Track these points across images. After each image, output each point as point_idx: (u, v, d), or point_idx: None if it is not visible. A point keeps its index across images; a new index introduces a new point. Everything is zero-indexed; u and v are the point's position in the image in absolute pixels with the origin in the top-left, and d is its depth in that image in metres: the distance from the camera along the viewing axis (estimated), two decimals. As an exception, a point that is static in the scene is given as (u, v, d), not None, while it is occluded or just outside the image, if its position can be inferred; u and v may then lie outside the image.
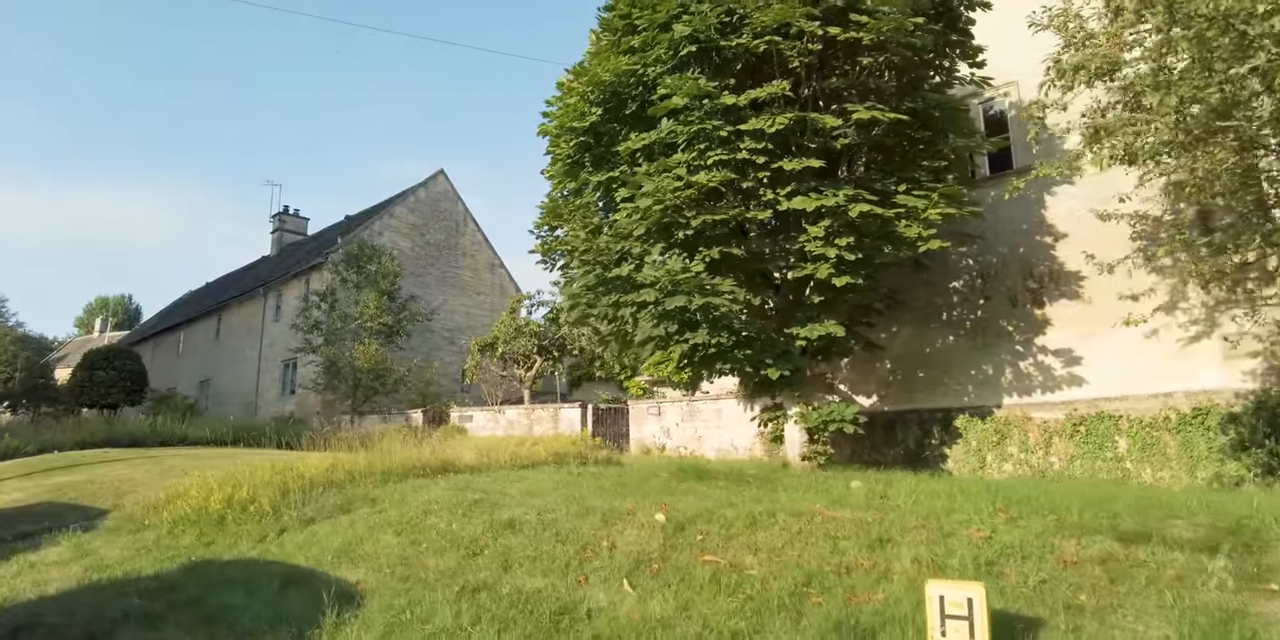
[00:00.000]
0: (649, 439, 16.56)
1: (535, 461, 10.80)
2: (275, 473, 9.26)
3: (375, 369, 21.81)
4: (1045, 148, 13.04)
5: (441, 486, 8.60)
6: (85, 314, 71.30)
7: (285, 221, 36.90)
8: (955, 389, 13.39)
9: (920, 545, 5.69)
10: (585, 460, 11.26)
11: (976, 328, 13.38)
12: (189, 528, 7.99)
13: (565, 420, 18.29)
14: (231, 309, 32.11)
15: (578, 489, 8.13)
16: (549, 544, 6.08)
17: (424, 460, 9.80)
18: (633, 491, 7.94)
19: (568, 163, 11.37)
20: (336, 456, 10.12)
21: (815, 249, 9.32)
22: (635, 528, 6.28)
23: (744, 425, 15.54)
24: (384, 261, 23.30)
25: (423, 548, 6.32)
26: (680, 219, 9.11)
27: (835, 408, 10.45)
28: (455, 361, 28.74)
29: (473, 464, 10.17)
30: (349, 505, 8.06)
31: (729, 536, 6.03)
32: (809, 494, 7.60)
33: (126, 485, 11.42)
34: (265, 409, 27.49)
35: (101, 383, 24.99)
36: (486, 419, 20.01)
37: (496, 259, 31.90)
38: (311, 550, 6.79)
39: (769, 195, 9.26)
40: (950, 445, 13.12)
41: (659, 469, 10.16)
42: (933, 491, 7.34)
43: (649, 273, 9.23)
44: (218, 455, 14.30)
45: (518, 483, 8.80)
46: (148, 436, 16.20)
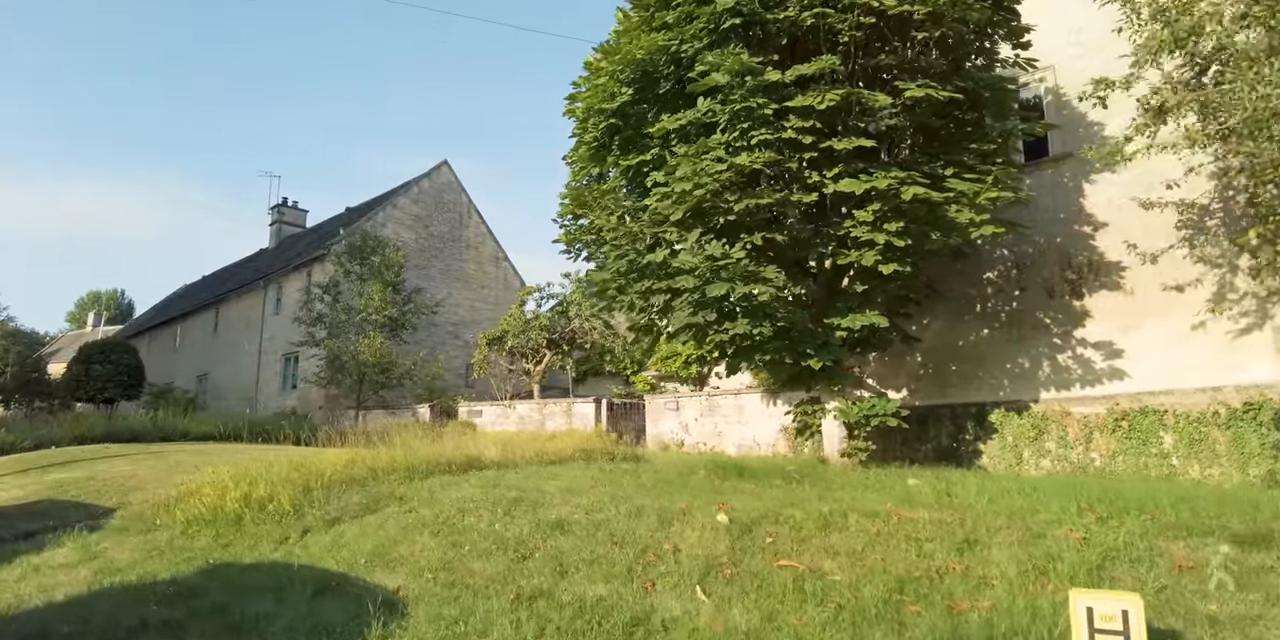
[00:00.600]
0: (666, 435, 16.10)
1: (561, 457, 10.33)
2: (293, 469, 8.75)
3: (380, 363, 21.27)
4: (1084, 134, 12.66)
5: (472, 484, 8.11)
6: (77, 309, 70.36)
7: (284, 213, 36.23)
8: (990, 383, 12.97)
9: (1012, 547, 5.24)
10: (612, 456, 10.79)
11: (1012, 320, 12.95)
12: (204, 528, 7.49)
13: (579, 415, 17.81)
14: (230, 302, 31.47)
15: (618, 487, 7.66)
16: (604, 546, 5.61)
17: (449, 456, 9.31)
18: (677, 489, 7.48)
19: (593, 147, 10.87)
20: (355, 452, 9.62)
21: (862, 234, 8.86)
22: (695, 529, 5.82)
23: (766, 421, 15.10)
24: (388, 252, 22.74)
25: (465, 550, 5.84)
26: (721, 203, 8.62)
27: (877, 402, 10.01)
28: (460, 356, 28.22)
29: (498, 460, 9.69)
30: (375, 504, 7.57)
31: (801, 539, 5.57)
32: (869, 493, 7.16)
33: (131, 482, 10.90)
34: (265, 404, 26.91)
35: (98, 377, 24.36)
36: (496, 414, 19.51)
37: (501, 252, 31.35)
38: (341, 553, 6.30)
39: (814, 178, 8.79)
40: (985, 441, 12.70)
41: (694, 465, 9.70)
42: (1002, 489, 6.91)
43: (686, 259, 8.75)
44: (224, 451, 13.76)
45: (551, 479, 8.33)
46: (149, 431, 15.64)
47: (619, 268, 9.32)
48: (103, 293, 72.42)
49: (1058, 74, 12.86)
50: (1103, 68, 12.28)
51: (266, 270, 29.90)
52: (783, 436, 14.87)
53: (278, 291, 28.46)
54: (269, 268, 30.14)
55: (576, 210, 10.70)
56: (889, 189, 8.49)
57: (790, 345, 9.42)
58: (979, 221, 8.84)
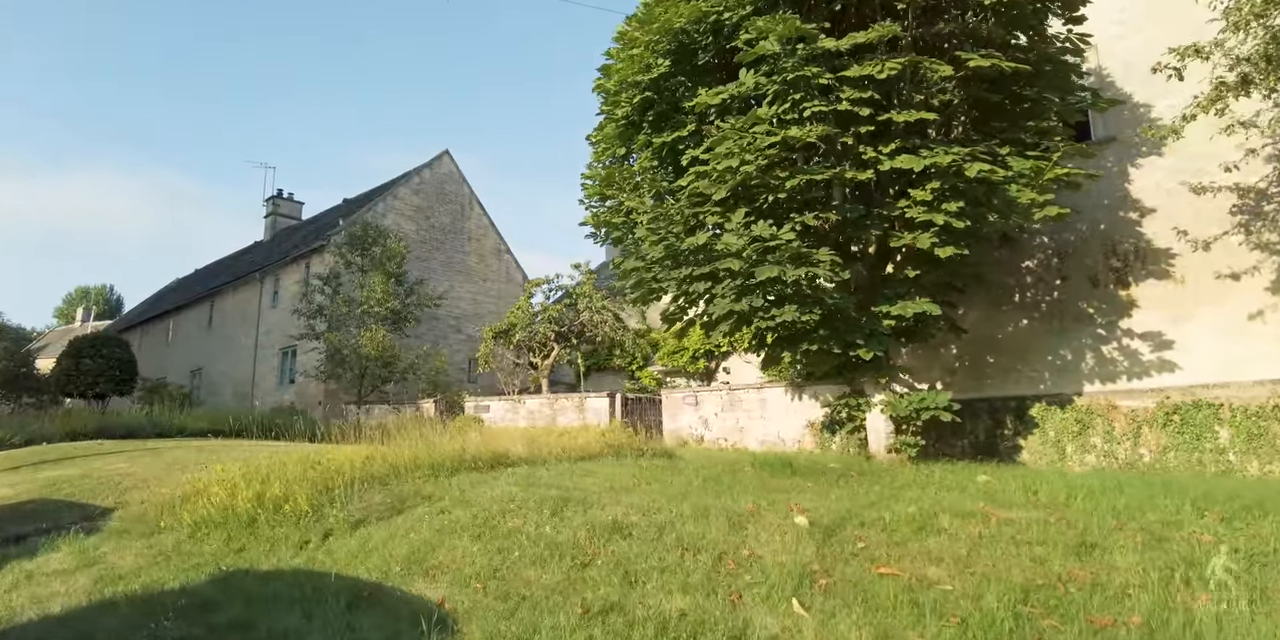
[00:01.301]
0: (685, 430, 15.52)
1: (590, 453, 9.73)
2: (308, 466, 8.11)
3: (383, 356, 20.58)
4: (1130, 117, 12.12)
5: (504, 481, 7.49)
6: (65, 304, 69.21)
7: (279, 205, 35.41)
8: (1030, 376, 12.43)
9: (1136, 552, 4.67)
10: (641, 452, 10.19)
11: (1053, 310, 12.41)
12: (214, 531, 6.84)
13: (592, 410, 17.20)
14: (225, 295, 30.64)
15: (666, 485, 7.06)
16: (673, 552, 5.00)
17: (474, 452, 8.69)
18: (730, 488, 6.88)
19: (622, 124, 10.24)
20: (371, 448, 8.98)
21: (918, 215, 8.28)
22: (772, 532, 5.22)
23: (791, 416, 14.55)
24: (390, 243, 22.02)
25: (514, 557, 5.22)
26: (770, 180, 8.01)
27: (926, 394, 9.45)
28: (462, 351, 27.55)
29: (525, 456, 9.08)
30: (401, 504, 6.94)
31: (895, 543, 4.98)
32: (944, 491, 6.58)
33: (129, 481, 10.24)
34: (262, 399, 26.16)
35: (89, 371, 23.56)
36: (505, 409, 18.87)
37: (503, 245, 30.65)
38: (372, 559, 5.67)
39: (869, 153, 8.19)
40: (1025, 436, 12.17)
41: (735, 462, 9.12)
42: (1091, 488, 6.35)
43: (730, 241, 8.14)
44: (225, 448, 13.08)
45: (587, 476, 7.72)
46: (144, 427, 14.93)
47: (656, 253, 8.70)
48: (91, 288, 71.26)
49: (1099, 54, 12.31)
50: (1143, 48, 11.83)
51: (262, 262, 29.10)
52: (809, 432, 14.32)
53: (275, 284, 27.68)
54: (265, 260, 29.34)
55: (605, 191, 10.07)
56: (951, 166, 7.90)
57: (837, 334, 8.84)
58: (1041, 202, 8.26)
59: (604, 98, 10.11)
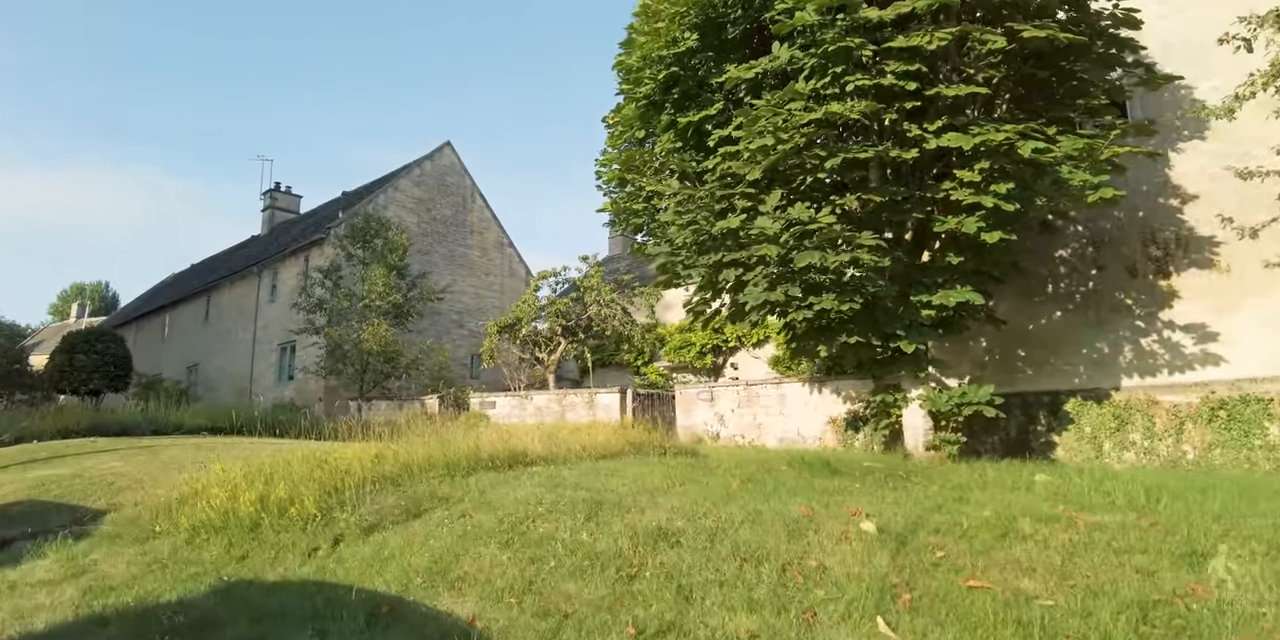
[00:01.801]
0: (700, 427, 14.99)
1: (610, 451, 9.20)
2: (313, 466, 7.58)
3: (385, 351, 20.03)
4: (1170, 100, 11.59)
5: (527, 482, 6.97)
6: (60, 301, 68.41)
7: (276, 199, 34.81)
8: (1064, 370, 11.93)
9: (1256, 562, 4.16)
10: (664, 450, 9.67)
11: (1088, 301, 11.91)
12: (214, 536, 6.31)
13: (602, 406, 16.66)
14: (221, 289, 30.03)
15: (703, 486, 6.54)
16: (730, 563, 4.48)
17: (490, 450, 8.16)
18: (774, 490, 6.35)
19: (643, 104, 9.69)
20: (379, 446, 8.45)
21: (965, 197, 7.75)
22: (836, 540, 4.70)
23: (811, 412, 14.03)
24: (392, 235, 21.44)
25: (550, 567, 4.69)
26: (809, 159, 7.48)
27: (968, 389, 8.94)
28: (464, 346, 27.01)
29: (543, 454, 8.55)
30: (416, 507, 6.42)
31: (977, 552, 4.46)
32: (1011, 493, 6.07)
33: (123, 481, 9.71)
34: (261, 395, 25.57)
35: (82, 367, 22.98)
36: (512, 405, 18.33)
37: (506, 238, 30.07)
38: (389, 569, 5.14)
39: (914, 131, 7.66)
40: (1059, 432, 11.66)
41: (767, 461, 8.60)
42: (1176, 489, 5.83)
43: (765, 224, 7.60)
44: (225, 445, 12.55)
45: (614, 477, 7.20)
46: (139, 424, 14.37)
47: (683, 238, 8.17)
48: (86, 285, 70.51)
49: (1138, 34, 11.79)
50: (1184, 28, 11.32)
51: (260, 256, 28.49)
52: (830, 429, 13.80)
53: (273, 278, 27.08)
54: (263, 254, 28.73)
55: (625, 175, 9.53)
56: (1002, 144, 7.37)
57: (875, 325, 8.32)
58: (1096, 183, 7.74)
59: (624, 76, 9.56)
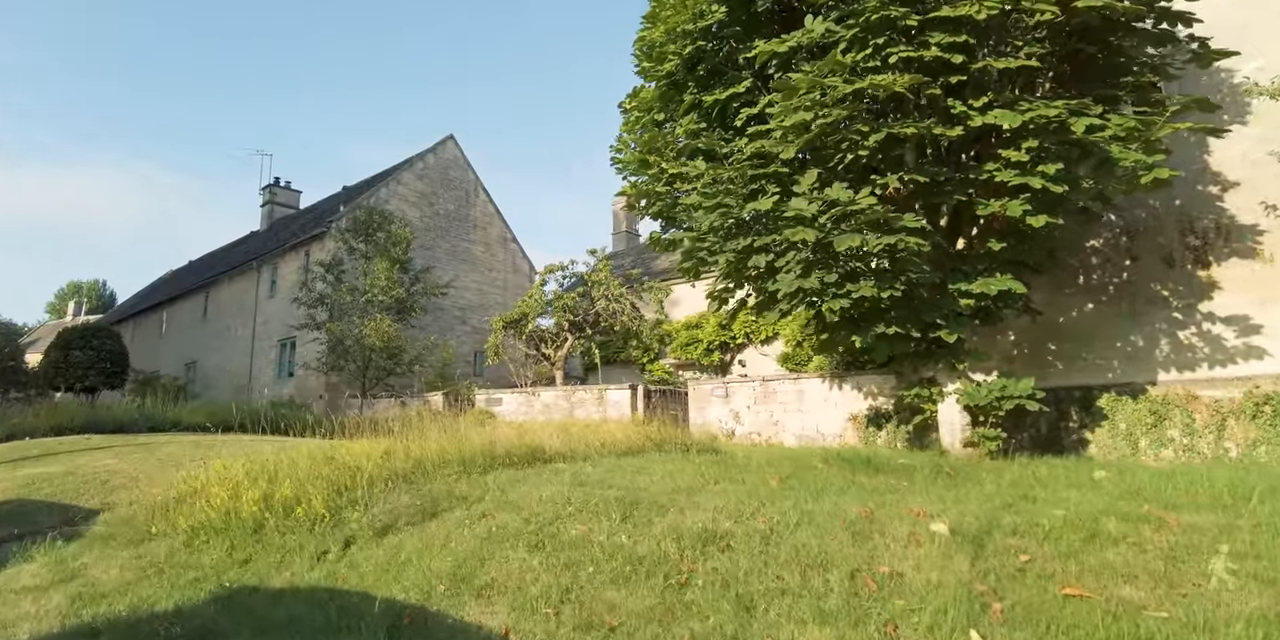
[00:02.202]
0: (714, 424, 14.55)
1: (632, 448, 8.76)
2: (320, 463, 7.13)
3: (388, 347, 19.56)
4: (1209, 83, 11.15)
5: (551, 480, 6.52)
6: (57, 299, 67.87)
7: (276, 194, 34.28)
8: (1097, 364, 11.49)
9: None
10: (686, 447, 9.23)
11: (1122, 293, 11.46)
12: (214, 538, 5.86)
13: (612, 403, 16.22)
14: (220, 285, 29.53)
15: (741, 485, 6.08)
16: (790, 569, 4.03)
17: (507, 446, 7.70)
18: (819, 488, 5.90)
19: (665, 84, 9.24)
20: (388, 443, 7.99)
21: (1010, 178, 7.30)
22: (903, 543, 4.25)
23: (831, 408, 13.59)
24: (395, 228, 20.97)
25: (588, 573, 4.24)
26: (850, 136, 7.02)
27: (1008, 382, 8.49)
28: (468, 342, 26.54)
29: (562, 451, 8.10)
30: (433, 506, 5.96)
31: (1064, 555, 4.01)
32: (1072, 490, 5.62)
33: (117, 479, 9.27)
34: (260, 392, 25.09)
35: (78, 364, 22.53)
36: (519, 402, 17.88)
37: (509, 233, 29.59)
38: (407, 574, 4.69)
39: (958, 107, 7.21)
40: (1092, 428, 11.23)
41: (801, 458, 8.16)
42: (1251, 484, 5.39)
43: (801, 206, 7.14)
44: (224, 442, 12.10)
45: (641, 474, 6.75)
46: (135, 421, 13.90)
47: (710, 222, 7.70)
48: (84, 283, 69.98)
49: (1174, 6, 11.33)
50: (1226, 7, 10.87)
51: (259, 251, 27.99)
52: (851, 426, 13.37)
53: (273, 273, 26.59)
54: (262, 249, 28.23)
55: (647, 157, 9.07)
56: (1053, 121, 6.92)
57: (914, 314, 7.87)
58: (1150, 164, 7.29)
59: (645, 53, 9.09)
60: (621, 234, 31.82)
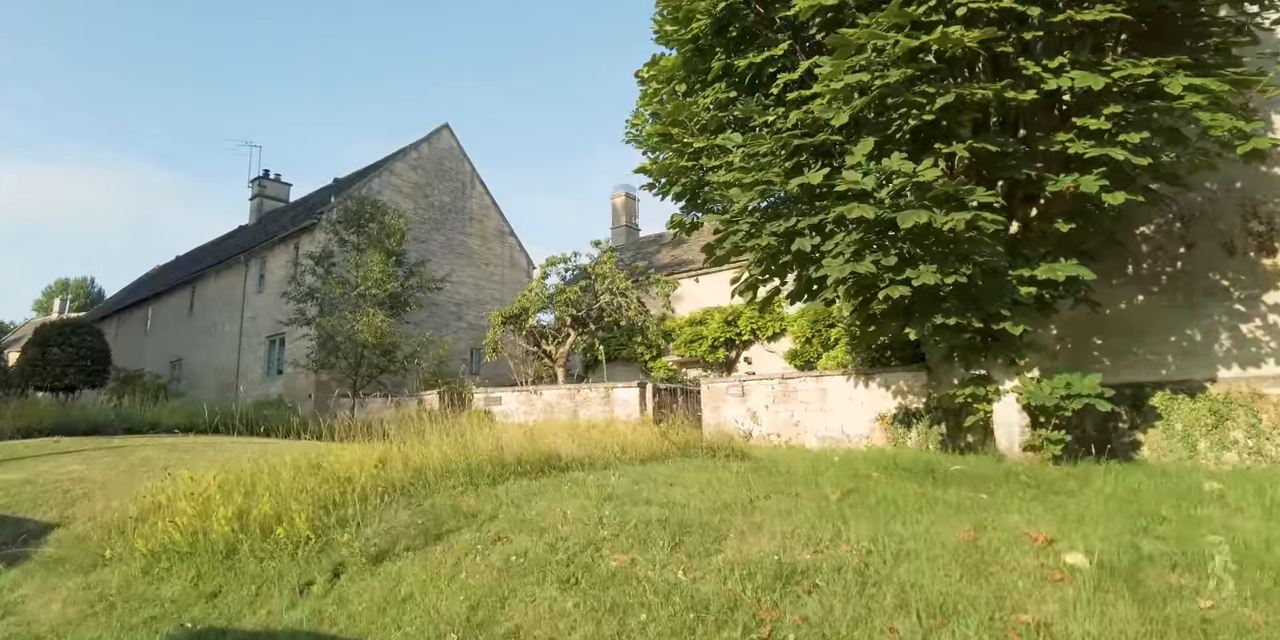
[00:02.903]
0: (730, 424, 13.67)
1: (654, 453, 7.87)
2: (304, 473, 6.22)
3: (381, 343, 18.59)
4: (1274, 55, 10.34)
5: (572, 493, 5.63)
6: (44, 296, 66.57)
7: (265, 186, 33.20)
8: (1148, 359, 10.66)
9: None
10: (713, 452, 8.35)
11: (1176, 283, 10.64)
12: (178, 565, 4.94)
13: (620, 402, 15.32)
14: (207, 280, 28.45)
15: (795, 501, 5.21)
16: (903, 615, 3.15)
17: (518, 452, 6.80)
18: (893, 506, 5.03)
19: (689, 49, 8.34)
20: (384, 448, 7.08)
21: (1086, 150, 6.44)
22: (1036, 580, 3.38)
23: (856, 408, 12.74)
24: (388, 219, 19.98)
25: (639, 621, 3.35)
26: (914, 99, 6.15)
27: (1071, 378, 7.64)
28: (464, 339, 25.58)
29: (579, 457, 7.21)
30: (437, 526, 5.06)
31: (1256, 599, 3.14)
32: (1198, 507, 4.76)
33: (80, 488, 8.32)
34: (248, 391, 24.10)
35: (56, 361, 21.47)
36: (519, 401, 16.96)
37: (506, 226, 28.62)
38: (409, 616, 3.79)
39: (1031, 68, 6.34)
40: (1144, 429, 10.40)
41: (851, 465, 7.28)
42: None
43: (854, 178, 6.27)
44: (203, 446, 11.14)
45: (674, 487, 5.87)
46: (110, 422, 12.91)
47: (747, 201, 6.82)
48: (71, 280, 68.68)
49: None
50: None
51: (247, 245, 26.95)
52: (879, 426, 12.52)
53: (261, 267, 25.56)
54: (250, 243, 27.19)
55: (670, 130, 8.17)
56: (1142, 82, 6.06)
57: (975, 302, 7.01)
58: (1247, 132, 6.45)
59: (668, 16, 8.19)
60: (621, 228, 30.93)
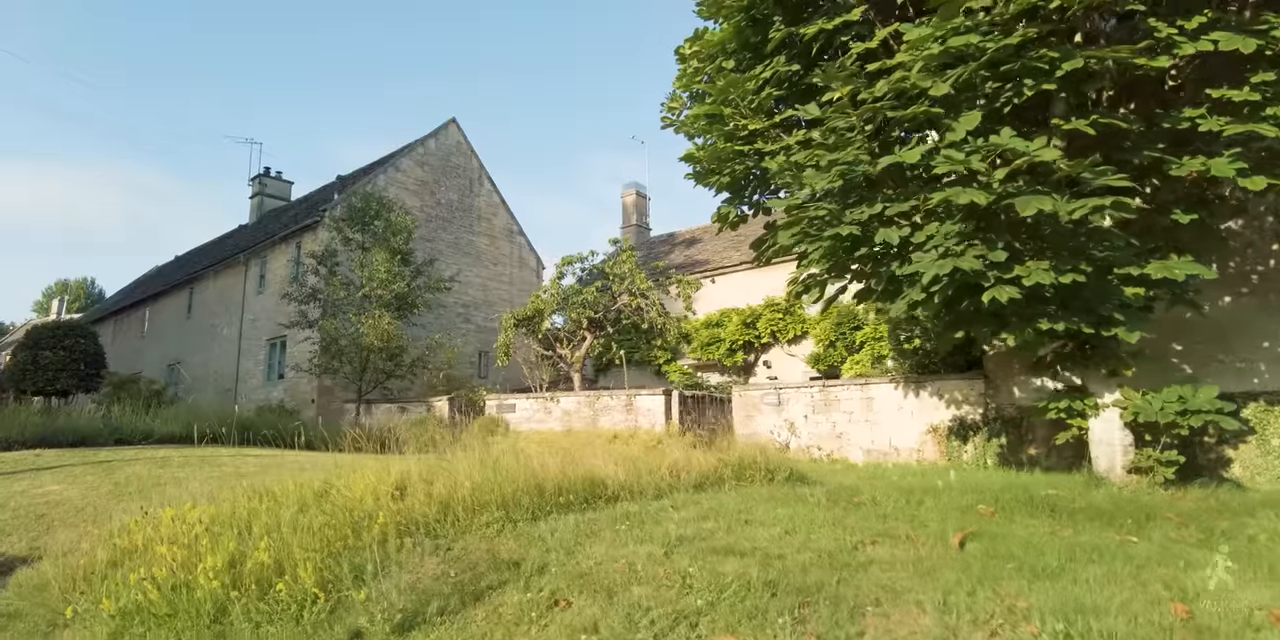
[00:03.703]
0: (764, 435, 12.71)
1: (705, 475, 6.92)
2: (310, 504, 5.27)
3: (388, 347, 17.65)
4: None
5: (633, 534, 4.67)
6: (43, 297, 65.72)
7: (265, 184, 32.27)
8: (1237, 368, 9.70)
9: None
10: (769, 474, 7.39)
11: (1270, 283, 9.69)
12: (155, 630, 3.98)
13: (643, 410, 14.37)
14: (205, 281, 27.51)
15: (908, 546, 4.25)
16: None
17: (556, 478, 5.83)
18: (1039, 556, 4.07)
19: (741, 18, 7.39)
20: (402, 467, 6.12)
21: (1220, 127, 5.49)
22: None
23: (906, 418, 11.77)
24: (395, 216, 19.04)
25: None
26: (1032, 64, 5.20)
27: (1182, 390, 6.69)
28: (472, 342, 24.66)
29: (624, 482, 6.24)
30: (474, 580, 4.11)
31: None
32: None
33: (57, 512, 7.42)
34: (248, 396, 23.16)
35: (48, 365, 20.52)
36: (534, 408, 16.01)
37: (515, 225, 27.67)
38: (454, 726, 2.83)
39: (1163, 30, 5.39)
40: (1235, 444, 9.44)
41: (937, 494, 6.30)
42: None
43: (955, 157, 5.32)
44: (198, 460, 10.20)
45: (753, 525, 4.90)
46: (99, 433, 11.97)
47: (825, 184, 5.86)
48: (71, 281, 67.85)
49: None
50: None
51: (247, 245, 26.01)
52: (931, 439, 11.56)
53: (262, 267, 24.61)
54: (250, 242, 26.25)
55: (721, 109, 7.22)
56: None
57: (1084, 304, 6.05)
58: None
59: None
60: (631, 227, 29.98)
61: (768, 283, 24.64)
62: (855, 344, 22.13)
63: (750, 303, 24.16)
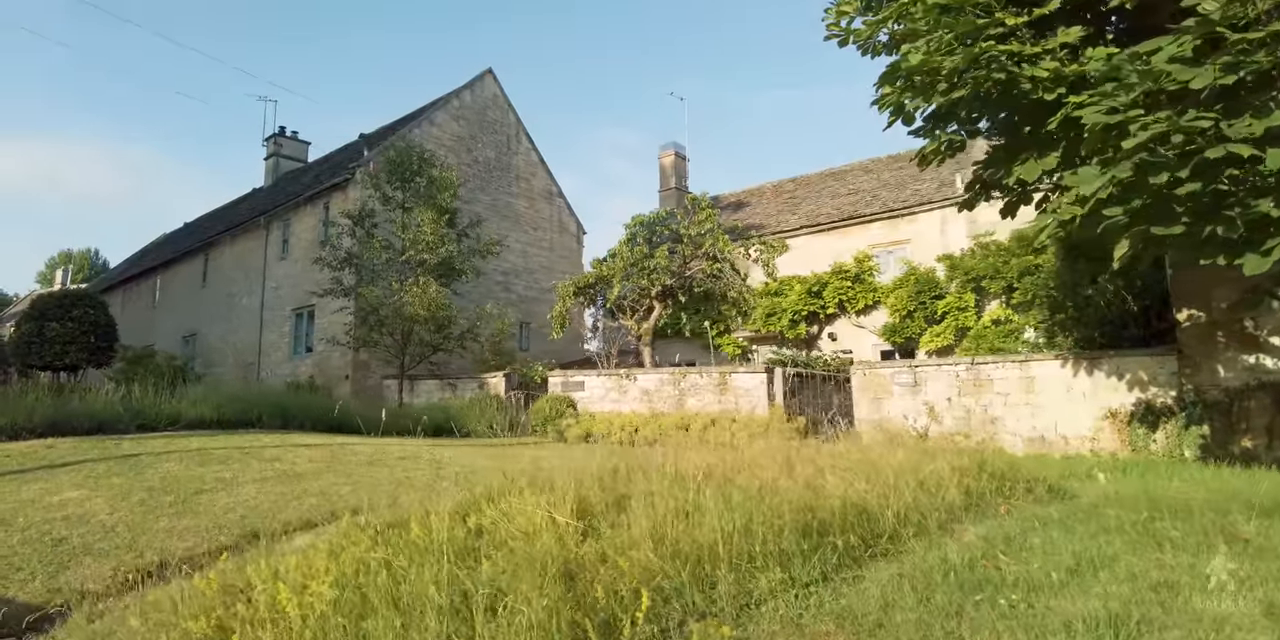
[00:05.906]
0: (895, 421, 10.85)
1: (969, 494, 5.07)
2: (465, 548, 3.43)
3: (435, 317, 15.77)
4: None
5: (1016, 618, 2.81)
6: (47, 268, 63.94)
7: (281, 145, 30.12)
8: None
9: None
10: (1029, 487, 5.54)
11: None
12: None
13: (741, 391, 12.50)
14: (221, 246, 25.54)
15: None
16: None
17: (829, 505, 3.96)
18: None
19: None
20: (526, 463, 4.27)
21: None
22: None
23: (1077, 401, 9.89)
24: (438, 171, 17.00)
25: None
26: None
27: None
28: (511, 312, 22.74)
29: (895, 508, 4.38)
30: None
31: None
32: None
33: (79, 532, 5.66)
34: (272, 371, 21.39)
35: (55, 338, 18.69)
36: (607, 387, 14.16)
37: (555, 186, 25.56)
38: None
39: None
40: None
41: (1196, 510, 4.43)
42: None
43: None
44: (240, 453, 8.42)
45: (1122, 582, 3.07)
46: (119, 417, 10.16)
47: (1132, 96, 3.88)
48: (74, 252, 66.05)
49: None
50: None
51: (266, 207, 24.00)
52: (1109, 425, 9.69)
53: (284, 230, 22.63)
54: (269, 204, 24.23)
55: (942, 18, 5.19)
56: None
57: None
58: None
59: None
60: (670, 191, 27.87)
61: (833, 248, 22.60)
62: (936, 314, 20.11)
63: (814, 270, 22.18)
